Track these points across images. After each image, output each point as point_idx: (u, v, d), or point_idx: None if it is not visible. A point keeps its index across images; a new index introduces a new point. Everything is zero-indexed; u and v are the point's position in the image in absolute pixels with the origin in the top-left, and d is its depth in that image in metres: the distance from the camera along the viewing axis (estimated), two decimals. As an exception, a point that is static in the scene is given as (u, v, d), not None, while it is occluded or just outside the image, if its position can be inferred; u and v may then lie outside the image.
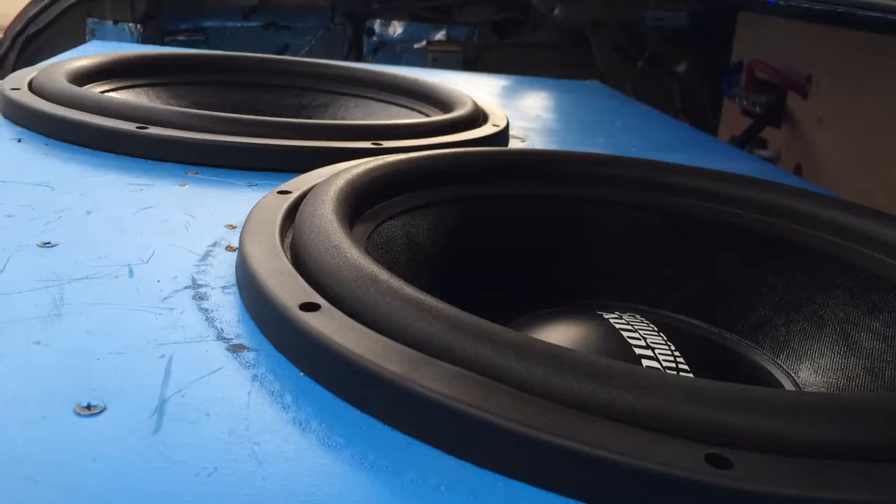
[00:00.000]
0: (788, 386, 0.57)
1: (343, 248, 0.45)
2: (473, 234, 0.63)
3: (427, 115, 0.99)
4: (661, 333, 0.57)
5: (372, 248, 0.54)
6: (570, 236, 0.66)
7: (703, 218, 0.67)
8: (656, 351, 0.55)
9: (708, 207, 0.67)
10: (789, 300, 0.61)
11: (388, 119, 0.99)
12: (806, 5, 1.03)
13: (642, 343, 0.55)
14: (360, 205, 0.56)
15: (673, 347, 0.56)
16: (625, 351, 0.55)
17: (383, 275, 0.42)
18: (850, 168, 1.25)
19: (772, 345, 0.60)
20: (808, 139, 1.34)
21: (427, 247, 0.60)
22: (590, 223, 0.67)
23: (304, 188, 0.59)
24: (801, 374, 0.58)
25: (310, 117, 1.06)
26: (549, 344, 0.38)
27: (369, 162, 0.61)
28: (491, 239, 0.64)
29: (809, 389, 0.56)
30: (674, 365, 0.54)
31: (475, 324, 0.39)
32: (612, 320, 0.59)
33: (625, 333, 0.57)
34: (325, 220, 0.48)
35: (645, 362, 0.53)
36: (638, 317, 0.60)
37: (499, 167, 0.66)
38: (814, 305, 0.60)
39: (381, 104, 1.07)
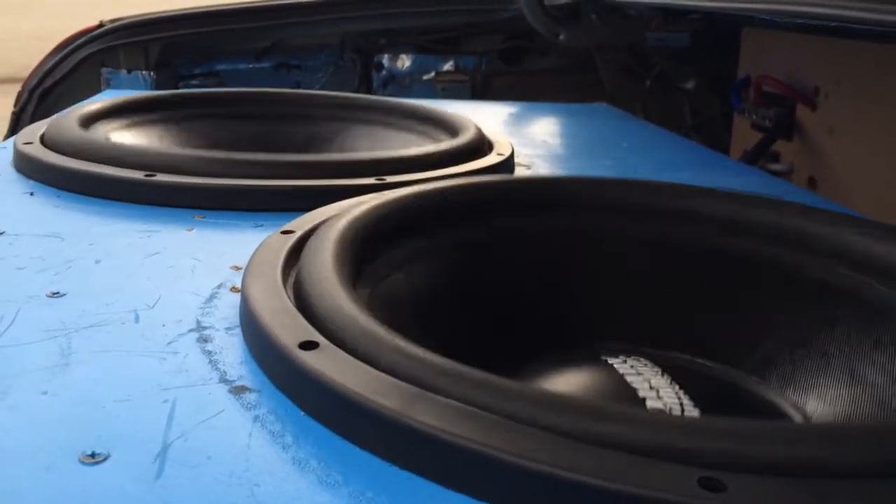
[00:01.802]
0: (797, 419, 0.56)
1: (341, 287, 0.45)
2: (476, 277, 0.63)
3: (434, 139, 0.99)
4: (666, 375, 0.57)
5: (375, 298, 0.54)
6: (572, 281, 0.66)
7: (703, 250, 0.66)
8: (661, 392, 0.54)
9: (706, 238, 0.66)
10: (794, 336, 0.60)
11: (394, 147, 0.99)
12: (801, 21, 1.03)
13: (647, 386, 0.55)
14: (363, 246, 0.56)
15: (678, 388, 0.55)
16: (629, 396, 0.54)
17: (378, 313, 0.43)
18: (864, 177, 1.24)
19: (778, 380, 0.59)
20: (819, 150, 1.34)
21: (430, 295, 0.60)
22: (591, 266, 0.66)
23: (307, 227, 0.60)
24: (808, 406, 0.57)
25: (319, 149, 1.08)
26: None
27: (372, 200, 0.62)
28: (491, 285, 0.64)
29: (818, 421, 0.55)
30: (679, 406, 0.53)
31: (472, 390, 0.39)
32: (616, 366, 0.58)
33: (629, 378, 0.56)
34: (326, 259, 0.49)
35: (650, 403, 0.53)
36: (642, 360, 0.60)
37: (493, 201, 0.66)
38: (818, 341, 0.59)
39: (388, 130, 1.08)
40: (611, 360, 0.59)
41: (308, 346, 0.42)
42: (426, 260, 0.61)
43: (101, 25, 1.69)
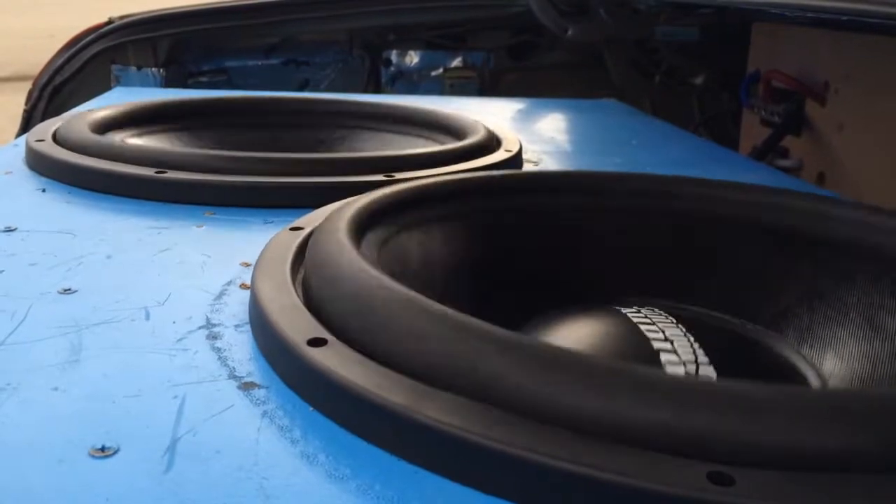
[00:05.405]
0: (813, 378, 0.56)
1: (347, 282, 0.46)
2: (488, 241, 0.63)
3: (441, 143, 1.00)
4: (680, 325, 0.57)
5: (385, 258, 0.55)
6: (588, 234, 0.66)
7: (723, 217, 0.66)
8: (675, 343, 0.54)
9: (726, 210, 0.67)
10: (813, 289, 0.60)
11: (401, 149, 1.00)
12: (811, 15, 1.02)
13: (660, 336, 0.55)
14: (367, 230, 0.57)
15: (692, 339, 0.55)
16: (643, 345, 0.54)
17: (387, 306, 0.43)
18: (874, 173, 1.23)
19: (795, 334, 0.59)
20: (829, 146, 1.33)
21: (440, 254, 0.60)
22: (607, 222, 0.67)
23: (317, 223, 0.60)
24: (826, 363, 0.57)
25: (327, 151, 1.08)
26: (550, 361, 0.38)
27: (376, 192, 0.62)
28: (507, 242, 0.64)
29: (834, 380, 0.55)
30: (693, 358, 0.53)
31: (476, 350, 0.39)
32: (629, 314, 0.58)
33: (643, 327, 0.56)
34: (331, 254, 0.49)
35: (663, 356, 0.52)
36: (656, 310, 0.60)
37: (507, 188, 0.67)
38: (837, 292, 0.59)
39: (396, 136, 1.08)
40: (625, 310, 0.59)
41: (316, 342, 0.42)
42: (436, 236, 0.61)
43: (110, 22, 1.70)
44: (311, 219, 0.62)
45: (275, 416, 0.40)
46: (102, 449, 0.36)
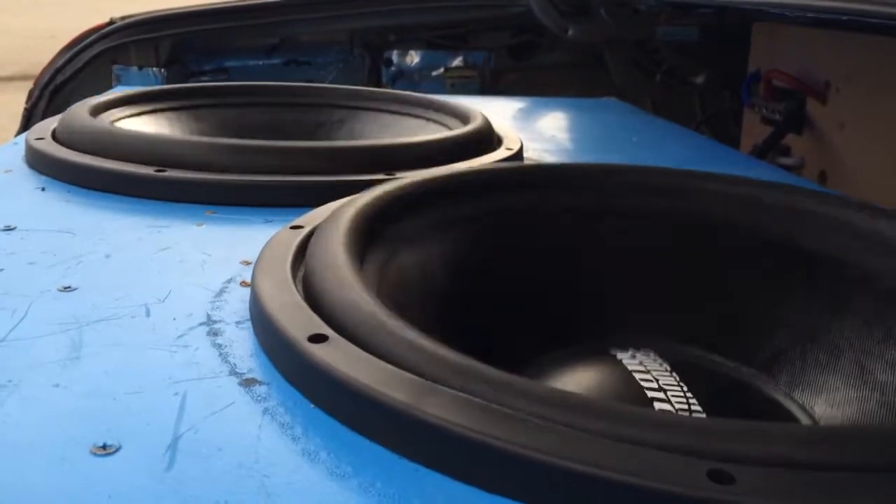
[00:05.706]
0: (806, 422, 0.56)
1: (349, 280, 0.46)
2: (486, 264, 0.63)
3: (443, 125, 1.00)
4: (674, 374, 0.57)
5: (385, 281, 0.55)
6: (584, 275, 0.65)
7: (716, 235, 0.66)
8: (669, 393, 0.54)
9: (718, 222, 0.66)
10: (806, 327, 0.59)
11: (402, 136, 0.99)
12: (812, 15, 1.02)
13: (654, 385, 0.55)
14: (369, 233, 0.57)
15: (686, 389, 0.55)
16: (638, 396, 0.54)
17: (388, 304, 0.43)
18: (875, 172, 1.23)
19: (787, 379, 0.59)
20: (830, 145, 1.33)
21: (438, 279, 0.60)
22: (602, 258, 0.66)
23: (317, 222, 0.60)
24: (817, 408, 0.57)
25: (327, 135, 1.08)
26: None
27: (377, 189, 0.62)
28: (500, 273, 0.64)
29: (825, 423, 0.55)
30: (686, 408, 0.53)
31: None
32: (625, 361, 0.58)
33: (637, 376, 0.56)
34: (333, 253, 0.49)
35: (657, 405, 0.53)
36: (652, 355, 0.59)
37: (495, 187, 0.67)
38: (830, 333, 0.58)
39: (396, 116, 1.08)
40: (620, 355, 0.58)
41: (317, 339, 0.42)
42: (435, 247, 0.61)
43: (111, 23, 1.70)
44: (312, 217, 0.62)
45: (276, 414, 0.40)
46: (104, 447, 0.36)
